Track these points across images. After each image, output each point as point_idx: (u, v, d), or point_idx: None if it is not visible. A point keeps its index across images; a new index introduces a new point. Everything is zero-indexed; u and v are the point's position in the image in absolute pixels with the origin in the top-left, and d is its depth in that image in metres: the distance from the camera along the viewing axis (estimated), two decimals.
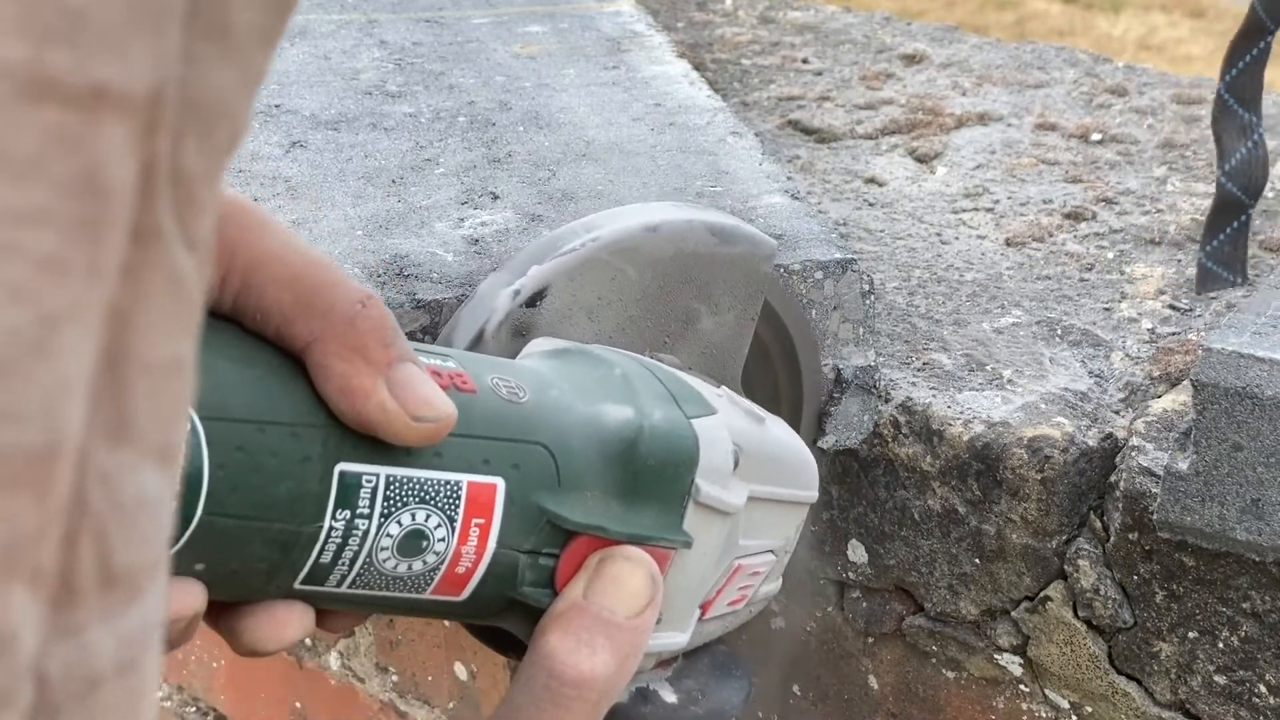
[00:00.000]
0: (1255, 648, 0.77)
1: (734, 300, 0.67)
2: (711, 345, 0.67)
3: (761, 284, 0.68)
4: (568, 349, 0.57)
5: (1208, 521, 0.73)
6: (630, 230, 0.64)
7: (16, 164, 0.19)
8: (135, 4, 0.20)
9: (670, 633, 0.55)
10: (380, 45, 1.17)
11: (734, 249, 0.67)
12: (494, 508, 0.47)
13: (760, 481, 0.57)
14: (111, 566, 0.23)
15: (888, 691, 0.94)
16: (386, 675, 1.29)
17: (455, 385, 0.47)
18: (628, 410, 0.51)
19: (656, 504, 0.51)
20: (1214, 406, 0.71)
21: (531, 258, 0.63)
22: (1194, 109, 1.24)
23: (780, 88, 1.32)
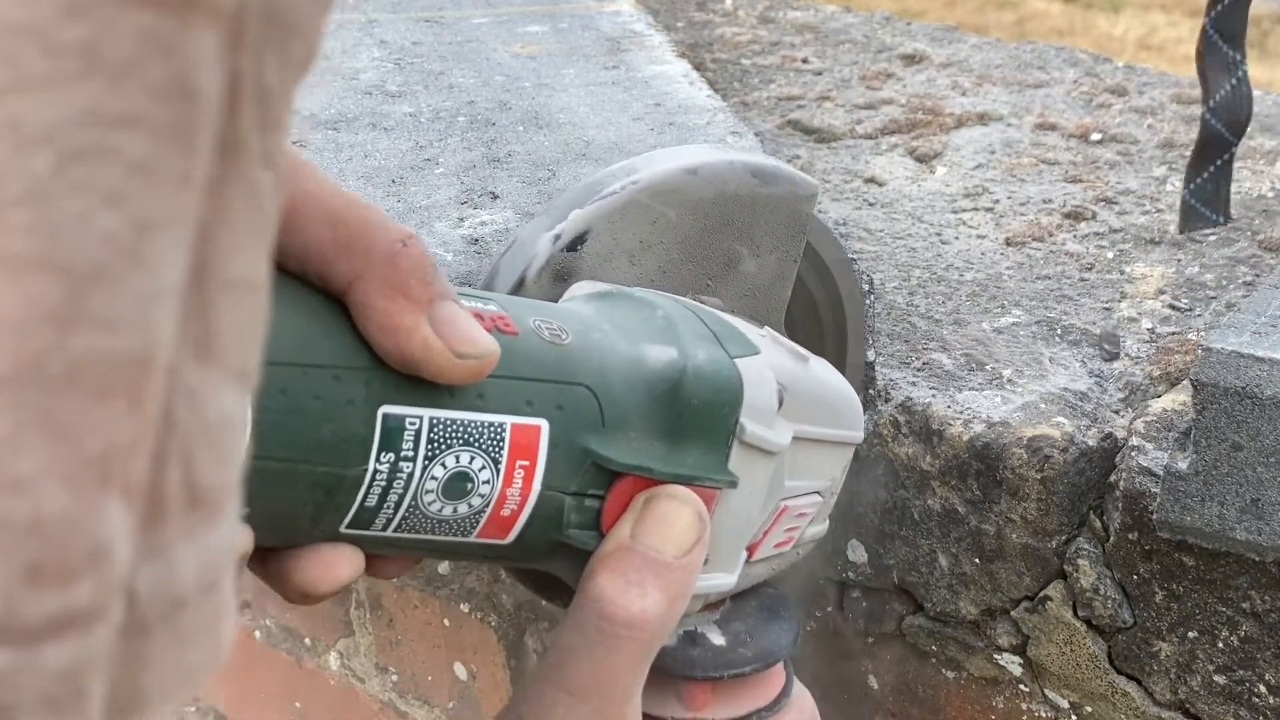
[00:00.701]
0: (1255, 648, 0.77)
1: (776, 242, 0.67)
2: (754, 287, 0.67)
3: (803, 224, 0.67)
4: (610, 292, 0.57)
5: (1207, 521, 0.73)
6: (670, 173, 0.63)
7: (112, 66, 0.20)
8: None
9: (717, 574, 0.55)
10: (380, 45, 1.17)
11: (775, 189, 0.66)
12: (538, 449, 0.47)
13: (805, 421, 0.57)
14: (196, 486, 0.23)
15: (888, 691, 0.94)
16: (386, 675, 1.29)
17: (497, 327, 0.46)
18: (671, 350, 0.51)
19: (702, 444, 0.51)
20: (1214, 406, 0.71)
21: (571, 202, 0.63)
22: (1194, 109, 1.24)
23: (780, 88, 1.32)
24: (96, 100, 0.19)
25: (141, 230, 0.20)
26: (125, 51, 0.20)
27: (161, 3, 0.20)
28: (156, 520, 0.22)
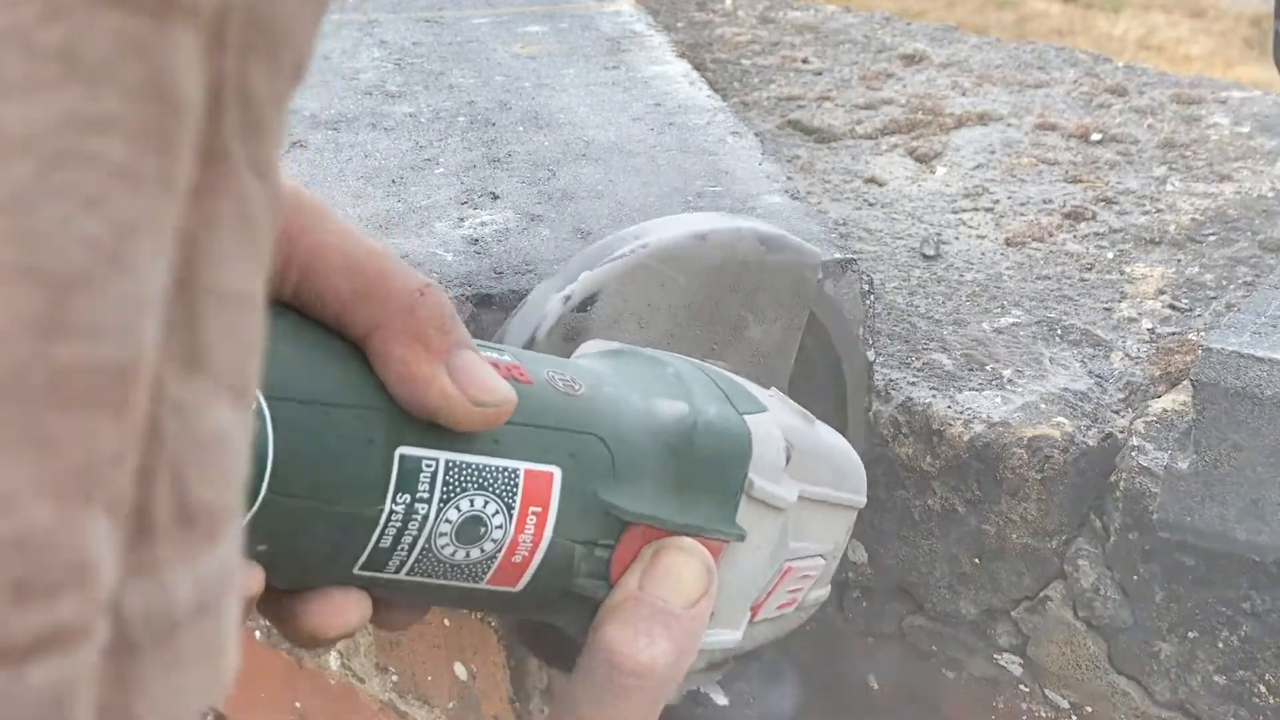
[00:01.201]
0: (1255, 648, 0.77)
1: (780, 309, 0.68)
2: (759, 354, 0.68)
3: (808, 293, 0.69)
4: (621, 349, 0.57)
5: (1208, 521, 0.73)
6: (679, 238, 0.64)
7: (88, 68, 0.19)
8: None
9: (722, 630, 0.56)
10: (380, 45, 1.17)
11: (781, 257, 0.68)
12: (550, 496, 0.47)
13: (811, 481, 0.58)
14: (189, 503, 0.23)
15: (888, 691, 0.94)
16: (386, 675, 1.29)
17: (513, 376, 0.47)
18: (682, 405, 0.52)
19: (711, 497, 0.52)
20: (1214, 406, 0.71)
21: (582, 264, 0.64)
22: (1194, 109, 1.24)
23: (780, 88, 1.32)
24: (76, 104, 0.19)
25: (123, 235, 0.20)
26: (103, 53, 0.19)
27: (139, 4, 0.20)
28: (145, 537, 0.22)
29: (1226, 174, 1.11)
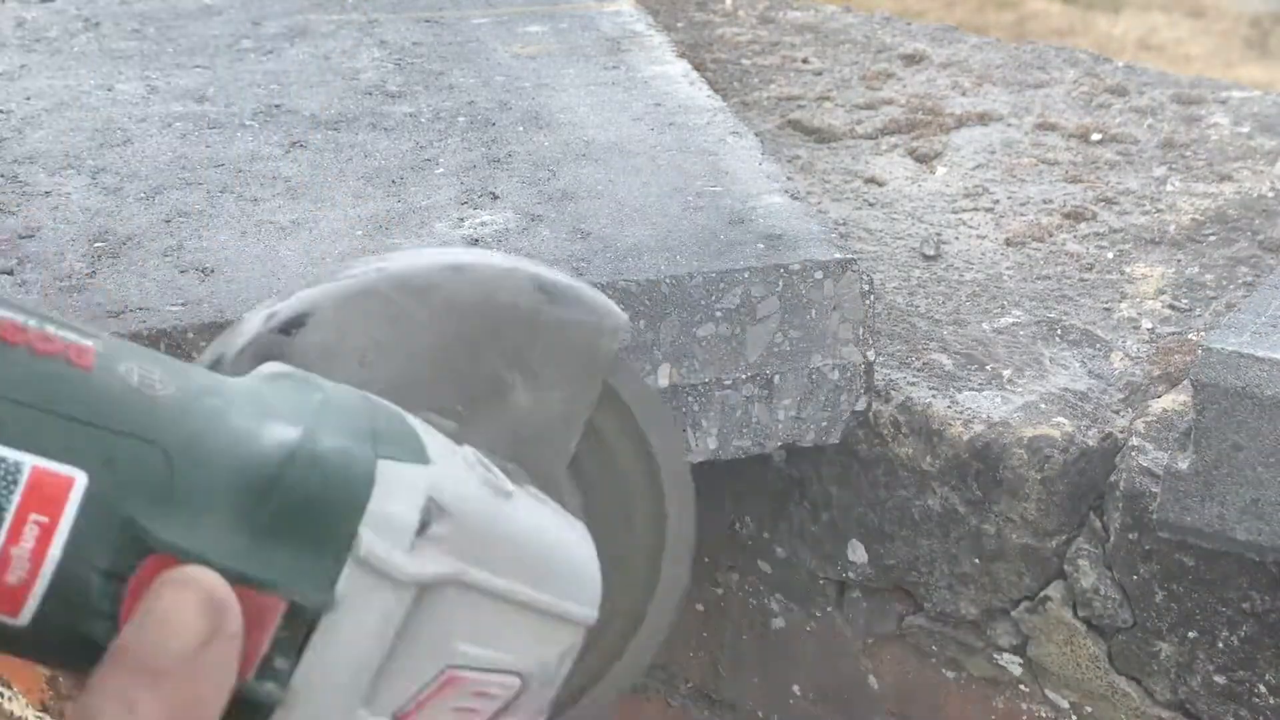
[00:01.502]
0: (1255, 648, 0.77)
1: (562, 377, 0.56)
2: (526, 427, 0.56)
3: (602, 365, 0.56)
4: (287, 373, 0.48)
5: (1208, 521, 0.73)
6: (427, 266, 0.53)
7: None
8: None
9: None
10: (380, 45, 1.17)
11: (566, 313, 0.55)
12: (64, 505, 0.39)
13: (483, 566, 0.47)
14: None
15: (888, 691, 0.94)
16: None
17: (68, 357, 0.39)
18: (292, 431, 0.43)
19: (298, 546, 0.42)
20: (1214, 406, 0.71)
21: (306, 282, 0.53)
22: (1194, 109, 1.24)
23: (780, 88, 1.32)
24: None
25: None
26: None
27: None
28: None
29: (1226, 174, 1.11)
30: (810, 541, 0.92)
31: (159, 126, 0.98)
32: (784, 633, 0.97)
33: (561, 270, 0.57)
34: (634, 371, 0.60)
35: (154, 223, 0.84)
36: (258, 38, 1.18)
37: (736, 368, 0.80)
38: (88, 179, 0.90)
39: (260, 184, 0.89)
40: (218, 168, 0.92)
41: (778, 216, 0.85)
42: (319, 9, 1.26)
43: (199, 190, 0.88)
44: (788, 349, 0.81)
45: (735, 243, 0.82)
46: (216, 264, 0.79)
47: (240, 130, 0.98)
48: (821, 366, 0.81)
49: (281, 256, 0.80)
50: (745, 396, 0.81)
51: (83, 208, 0.86)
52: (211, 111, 1.01)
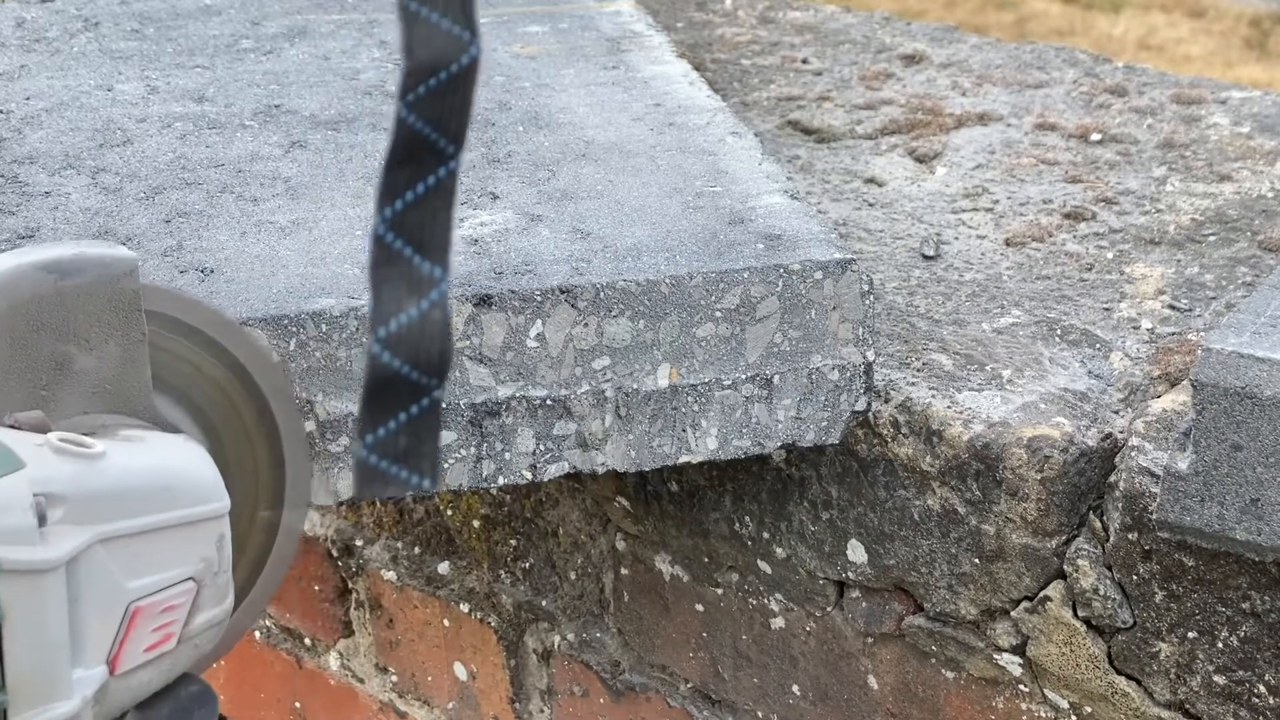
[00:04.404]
0: (1255, 648, 0.77)
1: (107, 329, 0.62)
2: (103, 380, 0.62)
3: (133, 301, 0.62)
4: None
5: (1207, 521, 0.73)
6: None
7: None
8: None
9: (45, 706, 0.52)
10: (380, 45, 1.17)
11: (80, 279, 0.61)
12: None
13: (114, 518, 0.54)
14: None
15: (888, 691, 0.94)
16: (386, 675, 1.29)
17: None
18: None
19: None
20: (1214, 406, 0.71)
21: None
22: (1194, 109, 1.24)
23: (780, 88, 1.32)
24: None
25: None
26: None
27: None
28: None
29: (1226, 174, 1.11)
30: (810, 541, 0.92)
31: (159, 127, 0.98)
32: (784, 633, 0.98)
33: (61, 242, 0.63)
34: (165, 290, 0.66)
35: (154, 223, 0.84)
36: (258, 38, 1.18)
37: (736, 368, 0.80)
38: (88, 179, 0.90)
39: (260, 184, 0.89)
40: (218, 168, 0.92)
41: (778, 216, 0.85)
42: (319, 9, 1.26)
43: (199, 190, 0.88)
44: (788, 349, 0.81)
45: (735, 243, 0.82)
46: (216, 264, 0.79)
47: (240, 130, 0.98)
48: (821, 366, 0.81)
49: (281, 256, 0.80)
50: (745, 396, 0.81)
51: (83, 208, 0.86)
52: (211, 112, 1.01)
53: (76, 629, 0.53)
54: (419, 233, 0.48)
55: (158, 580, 0.56)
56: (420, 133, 0.47)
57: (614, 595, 1.07)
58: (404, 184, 0.48)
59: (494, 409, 0.77)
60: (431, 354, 0.48)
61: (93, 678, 0.54)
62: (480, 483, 0.78)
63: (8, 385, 0.60)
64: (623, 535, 1.05)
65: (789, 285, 0.80)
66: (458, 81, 0.47)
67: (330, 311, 0.74)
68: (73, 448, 0.55)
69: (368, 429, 0.49)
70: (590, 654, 1.11)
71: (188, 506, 0.58)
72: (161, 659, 0.58)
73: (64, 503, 0.53)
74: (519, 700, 1.18)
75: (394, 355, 0.48)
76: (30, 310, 0.60)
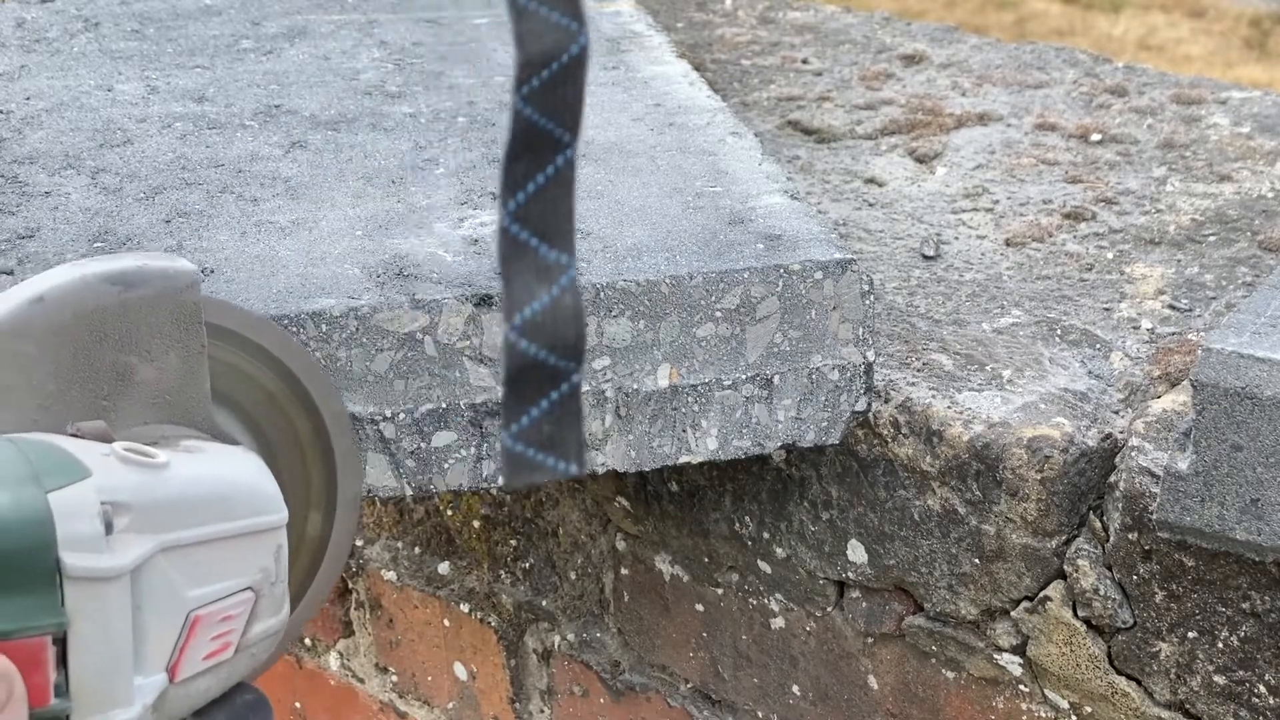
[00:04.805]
0: (1255, 648, 0.77)
1: (168, 341, 0.63)
2: (163, 392, 0.63)
3: (194, 314, 0.64)
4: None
5: (1207, 521, 0.73)
6: (15, 308, 0.59)
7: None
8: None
9: (107, 713, 0.53)
10: (380, 45, 1.17)
11: (143, 291, 0.62)
12: None
13: (173, 529, 0.55)
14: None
15: (888, 691, 0.94)
16: (386, 675, 1.29)
17: None
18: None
19: (19, 593, 0.50)
20: (1214, 406, 0.71)
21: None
22: (1194, 109, 1.24)
23: (780, 88, 1.32)
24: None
25: None
26: None
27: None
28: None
29: (1226, 174, 1.11)
30: (810, 541, 0.92)
31: (159, 127, 0.98)
32: (784, 633, 0.98)
33: (126, 254, 0.64)
34: (225, 303, 0.68)
35: (154, 223, 0.84)
36: (258, 38, 1.18)
37: (736, 368, 0.80)
38: (88, 179, 0.90)
39: (260, 184, 0.89)
40: (218, 168, 0.92)
41: (778, 216, 0.85)
42: (319, 9, 1.26)
43: (199, 190, 0.88)
44: (788, 349, 0.81)
45: (735, 243, 0.82)
46: (216, 264, 0.79)
47: (240, 130, 0.98)
48: (821, 366, 0.81)
49: (281, 257, 0.80)
50: (745, 396, 0.81)
51: (83, 208, 0.86)
52: (211, 112, 1.01)
53: (139, 637, 0.54)
54: (542, 222, 0.50)
55: (217, 589, 0.57)
56: (536, 124, 0.49)
57: (614, 595, 1.07)
58: (524, 176, 0.49)
59: (494, 409, 0.77)
60: (567, 338, 0.50)
61: (153, 685, 0.55)
62: (480, 483, 0.78)
63: (70, 395, 0.61)
64: (623, 535, 1.05)
65: (789, 285, 0.80)
66: (569, 71, 0.48)
67: (330, 311, 0.74)
68: (137, 458, 0.55)
69: (512, 418, 0.50)
70: (590, 654, 1.11)
71: (247, 517, 0.59)
72: (219, 667, 0.59)
73: (129, 511, 0.53)
74: (519, 700, 1.18)
75: (531, 342, 0.49)
76: (94, 321, 0.61)
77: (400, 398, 0.75)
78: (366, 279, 0.77)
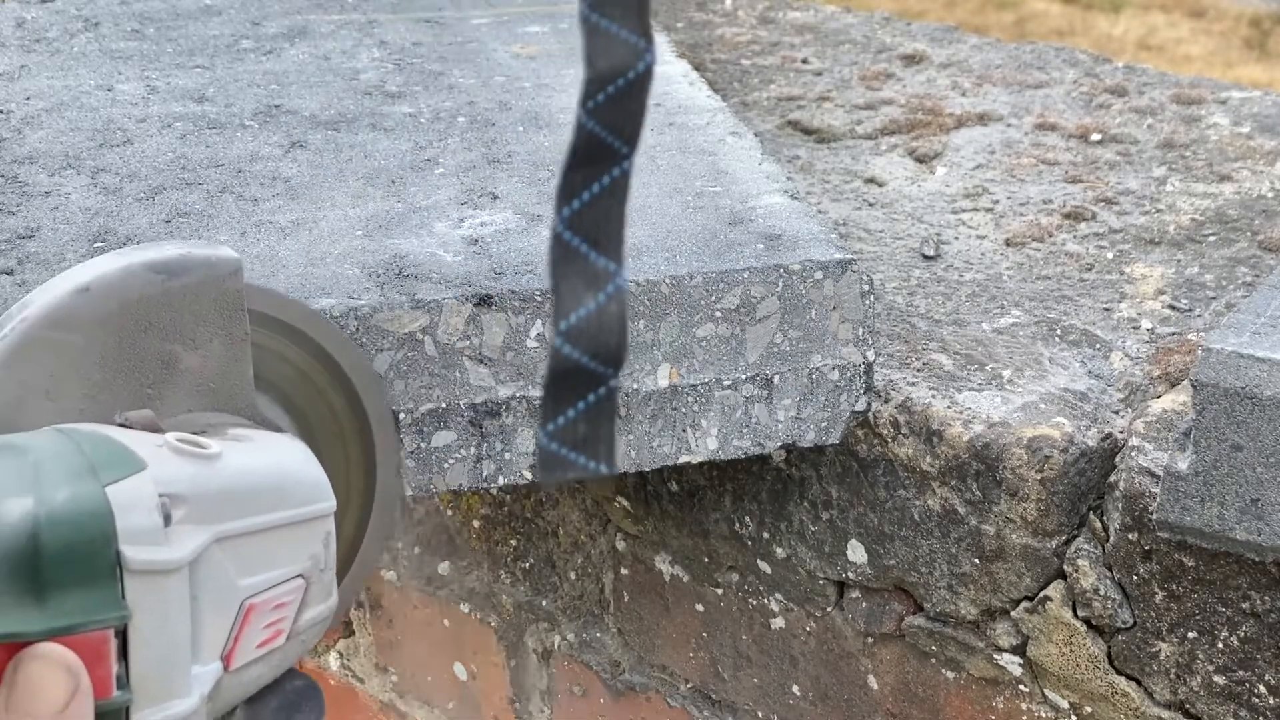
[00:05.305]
0: (1254, 648, 0.77)
1: (212, 328, 0.63)
2: (207, 379, 0.64)
3: (235, 302, 0.64)
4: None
5: (1207, 521, 0.73)
6: (61, 298, 0.60)
7: None
8: None
9: (166, 703, 0.53)
10: (380, 45, 1.17)
11: (187, 279, 0.62)
12: None
13: (230, 518, 0.55)
14: None
15: (888, 691, 0.94)
16: (386, 675, 1.29)
17: None
18: (27, 501, 0.50)
19: (81, 588, 0.50)
20: (1214, 406, 0.71)
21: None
22: (1194, 109, 1.24)
23: (780, 88, 1.32)
24: None
25: None
26: None
27: None
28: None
29: (1226, 174, 1.11)
30: (810, 541, 0.92)
31: (159, 127, 0.98)
32: (784, 633, 0.98)
33: (168, 242, 0.64)
34: (267, 290, 0.68)
35: (154, 223, 0.84)
36: (258, 38, 1.18)
37: (736, 368, 0.80)
38: (88, 179, 0.90)
39: (260, 184, 0.89)
40: (218, 168, 0.92)
41: (778, 216, 0.85)
42: (319, 9, 1.26)
43: (199, 190, 0.88)
44: (788, 349, 0.81)
45: (735, 243, 0.82)
46: None
47: (240, 130, 0.98)
48: (821, 366, 0.82)
49: (281, 257, 0.80)
50: (745, 396, 0.81)
51: (83, 208, 0.86)
52: (211, 112, 1.01)
53: (196, 627, 0.54)
54: (595, 230, 0.51)
55: (269, 578, 0.58)
56: (598, 136, 0.50)
57: (614, 595, 1.07)
58: (581, 184, 0.50)
59: (494, 409, 0.77)
60: (609, 345, 0.51)
61: (209, 674, 0.55)
62: (480, 483, 0.78)
63: (116, 384, 0.61)
64: (623, 535, 1.05)
65: (789, 285, 0.80)
66: (634, 87, 0.50)
67: (330, 311, 0.74)
68: (190, 448, 0.56)
69: (549, 418, 0.52)
70: (590, 654, 1.11)
71: (298, 506, 0.59)
72: (272, 655, 0.59)
73: (185, 503, 0.54)
74: (519, 700, 1.18)
75: (574, 348, 0.50)
76: (139, 310, 0.61)
77: (400, 398, 0.75)
78: (366, 279, 0.77)
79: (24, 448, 0.53)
